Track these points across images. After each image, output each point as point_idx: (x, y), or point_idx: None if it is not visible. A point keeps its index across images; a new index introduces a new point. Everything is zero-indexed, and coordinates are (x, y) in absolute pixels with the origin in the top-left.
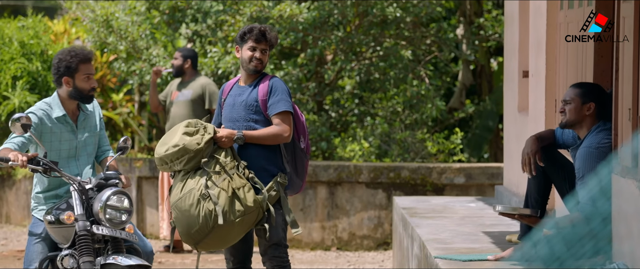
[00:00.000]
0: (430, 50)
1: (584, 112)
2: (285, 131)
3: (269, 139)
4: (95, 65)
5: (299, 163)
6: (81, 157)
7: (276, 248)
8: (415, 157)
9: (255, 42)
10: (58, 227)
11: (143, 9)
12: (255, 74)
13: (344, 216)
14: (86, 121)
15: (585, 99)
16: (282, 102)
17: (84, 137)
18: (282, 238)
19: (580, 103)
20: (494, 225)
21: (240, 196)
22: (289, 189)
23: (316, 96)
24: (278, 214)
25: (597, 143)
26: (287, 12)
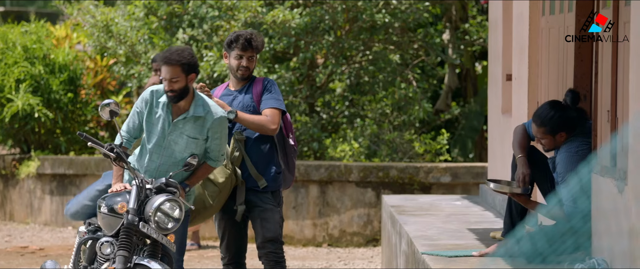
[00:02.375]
0: (417, 55)
1: (558, 140)
2: (272, 123)
3: (255, 126)
4: (95, 69)
5: (290, 159)
6: (165, 155)
7: (272, 244)
8: (403, 157)
9: (241, 50)
10: (108, 215)
11: (141, 14)
12: (245, 80)
13: (334, 213)
14: (187, 123)
15: (554, 132)
16: (274, 99)
17: (174, 137)
18: (279, 234)
19: (552, 138)
20: (478, 222)
21: (211, 177)
22: (282, 184)
23: (308, 98)
24: (275, 211)
25: (576, 147)
26: (280, 18)
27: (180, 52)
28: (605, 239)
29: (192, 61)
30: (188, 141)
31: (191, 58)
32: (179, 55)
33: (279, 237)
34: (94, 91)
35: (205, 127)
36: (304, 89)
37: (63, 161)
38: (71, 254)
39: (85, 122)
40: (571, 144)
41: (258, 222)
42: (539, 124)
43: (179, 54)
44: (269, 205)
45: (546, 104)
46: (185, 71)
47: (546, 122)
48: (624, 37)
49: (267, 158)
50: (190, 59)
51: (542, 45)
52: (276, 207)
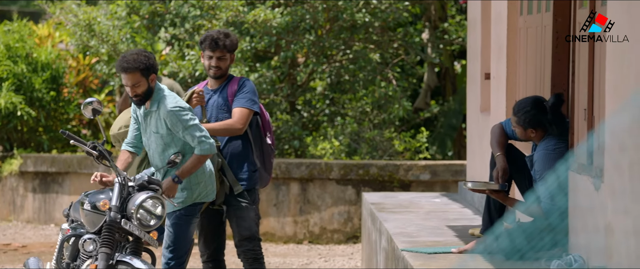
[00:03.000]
0: (397, 54)
1: (529, 135)
2: (238, 123)
3: (222, 131)
4: (78, 68)
5: (267, 158)
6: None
7: (250, 241)
8: (383, 155)
9: (210, 50)
10: (91, 212)
11: (124, 13)
12: (220, 79)
13: (315, 211)
14: (150, 119)
15: (525, 127)
16: (244, 99)
17: (148, 136)
18: (255, 232)
19: (523, 130)
20: (457, 219)
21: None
22: (258, 182)
23: (289, 96)
24: (250, 209)
25: (553, 145)
26: (261, 17)
27: (135, 58)
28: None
29: (149, 63)
30: (155, 137)
31: (147, 60)
32: (135, 61)
33: (255, 234)
34: (77, 89)
35: (161, 119)
36: (285, 87)
37: (45, 159)
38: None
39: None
40: (549, 142)
41: (234, 221)
42: (515, 112)
43: (135, 59)
44: (244, 203)
45: (530, 98)
46: (145, 75)
47: (521, 114)
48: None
49: (241, 157)
50: (147, 61)
51: (520, 44)
52: (251, 205)
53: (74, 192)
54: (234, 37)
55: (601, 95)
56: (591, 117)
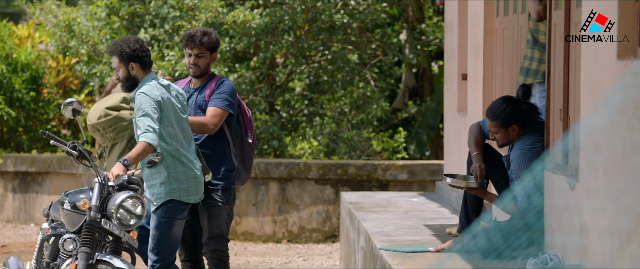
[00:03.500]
0: (375, 54)
1: (511, 134)
2: (210, 123)
3: (195, 127)
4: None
5: (247, 157)
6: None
7: (218, 241)
8: (361, 155)
9: (188, 48)
10: (71, 212)
11: (103, 14)
12: (200, 78)
13: (294, 210)
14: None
15: (507, 125)
16: (219, 99)
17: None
18: (225, 232)
19: (505, 131)
20: (435, 219)
21: None
22: (236, 180)
23: (268, 97)
24: (223, 208)
25: (529, 145)
26: (240, 18)
27: (119, 44)
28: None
29: (129, 51)
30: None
31: (129, 48)
32: (116, 46)
33: (224, 234)
34: (56, 89)
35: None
36: (264, 88)
37: (25, 159)
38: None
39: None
40: (525, 142)
41: (205, 218)
42: (491, 118)
43: (117, 44)
44: (217, 202)
45: (499, 99)
46: (124, 61)
47: (498, 115)
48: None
49: (218, 156)
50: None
51: (496, 45)
52: (225, 204)
53: (53, 192)
54: (213, 36)
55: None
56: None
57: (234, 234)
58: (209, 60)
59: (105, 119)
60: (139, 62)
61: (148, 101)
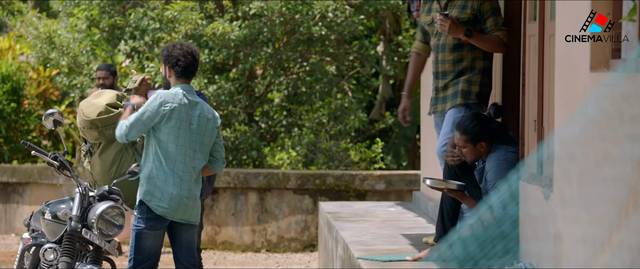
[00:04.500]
0: (352, 66)
1: (479, 150)
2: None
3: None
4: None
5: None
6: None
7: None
8: (339, 165)
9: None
10: (52, 221)
11: (84, 26)
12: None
13: (273, 220)
14: None
15: (475, 141)
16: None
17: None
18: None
19: (472, 147)
20: (412, 228)
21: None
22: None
23: (247, 108)
24: None
25: (504, 155)
26: (219, 30)
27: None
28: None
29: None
30: None
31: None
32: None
33: (197, 245)
34: (37, 101)
35: None
36: (243, 99)
37: (6, 170)
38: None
39: (28, 132)
40: (499, 153)
41: None
42: (461, 132)
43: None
44: None
45: (470, 115)
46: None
47: (468, 131)
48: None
49: None
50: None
51: None
52: None
53: (34, 202)
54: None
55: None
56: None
57: (213, 244)
58: None
59: (107, 116)
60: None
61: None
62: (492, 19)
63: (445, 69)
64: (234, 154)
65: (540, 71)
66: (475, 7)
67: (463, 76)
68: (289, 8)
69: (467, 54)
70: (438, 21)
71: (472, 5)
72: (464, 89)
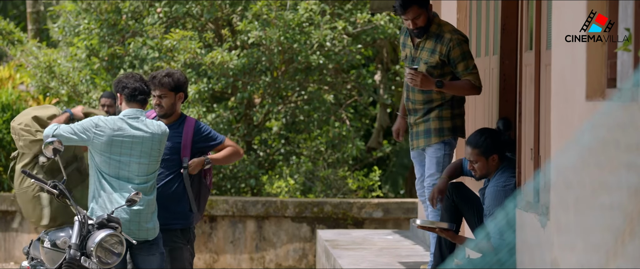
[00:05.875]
0: (350, 95)
1: (491, 164)
2: (240, 149)
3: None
4: None
5: (203, 198)
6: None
7: None
8: (337, 193)
9: (152, 89)
10: (51, 250)
11: (83, 55)
12: (166, 118)
13: (271, 247)
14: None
15: (487, 154)
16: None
17: None
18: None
19: (485, 160)
20: (409, 256)
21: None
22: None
23: (245, 136)
24: (184, 249)
25: (503, 183)
26: (218, 59)
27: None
28: None
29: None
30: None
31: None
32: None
33: None
34: None
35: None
36: (242, 127)
37: (5, 198)
38: None
39: None
40: (499, 179)
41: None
42: (472, 146)
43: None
44: (178, 243)
45: (479, 129)
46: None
47: (480, 144)
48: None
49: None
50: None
51: None
52: (186, 245)
53: (33, 230)
54: (176, 76)
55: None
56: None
57: None
58: (174, 101)
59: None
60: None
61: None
62: (463, 64)
63: (415, 108)
64: (232, 182)
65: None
66: (444, 52)
67: (432, 112)
68: (287, 37)
69: (436, 94)
70: (408, 75)
71: (441, 50)
72: (437, 127)
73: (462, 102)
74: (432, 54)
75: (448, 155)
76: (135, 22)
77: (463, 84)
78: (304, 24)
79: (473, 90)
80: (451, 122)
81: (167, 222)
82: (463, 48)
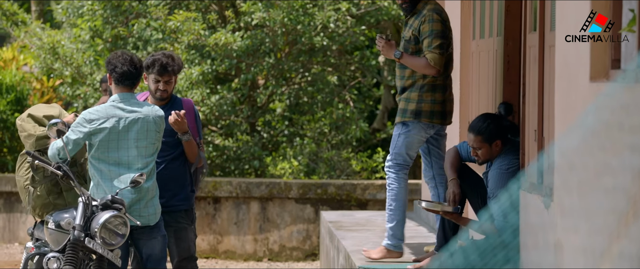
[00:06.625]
0: (354, 76)
1: (494, 150)
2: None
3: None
4: (42, 90)
5: (196, 179)
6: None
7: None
8: (340, 175)
9: (158, 75)
10: (55, 231)
11: (87, 37)
12: (164, 101)
13: (275, 229)
14: None
15: (491, 140)
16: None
17: None
18: (193, 252)
19: (488, 146)
20: (413, 237)
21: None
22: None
23: (249, 118)
24: (189, 229)
25: (507, 165)
26: (222, 41)
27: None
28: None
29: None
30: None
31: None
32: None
33: (193, 254)
34: None
35: None
36: (246, 109)
37: (10, 179)
38: None
39: None
40: (502, 162)
41: (173, 241)
42: (475, 133)
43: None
44: (182, 224)
45: (481, 116)
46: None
47: (483, 130)
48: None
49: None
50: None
51: (472, 67)
52: (190, 225)
53: None
54: (179, 60)
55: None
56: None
57: (216, 253)
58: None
59: (19, 123)
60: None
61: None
62: (428, 40)
63: (397, 84)
64: (236, 163)
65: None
66: (416, 26)
67: (404, 92)
68: (291, 19)
69: (410, 72)
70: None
71: (415, 25)
72: (402, 107)
73: (436, 88)
74: (409, 28)
75: (403, 135)
76: (139, 3)
77: (420, 61)
78: (307, 5)
79: (428, 69)
80: (416, 105)
81: (170, 203)
82: (433, 26)
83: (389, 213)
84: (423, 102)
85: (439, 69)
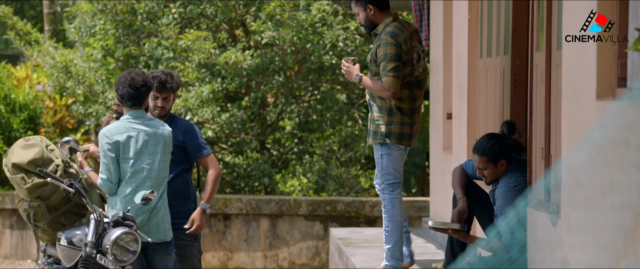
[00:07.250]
0: (362, 94)
1: (500, 169)
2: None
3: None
4: (55, 108)
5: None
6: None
7: None
8: (349, 192)
9: (156, 91)
10: (67, 247)
11: (99, 56)
12: (162, 118)
13: (284, 246)
14: None
15: (496, 160)
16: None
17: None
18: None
19: (493, 166)
20: (421, 254)
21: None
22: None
23: (259, 135)
24: (192, 246)
25: (514, 182)
26: (232, 59)
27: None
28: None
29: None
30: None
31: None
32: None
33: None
34: (53, 129)
35: None
36: (255, 127)
37: None
38: None
39: None
40: (509, 179)
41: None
42: (480, 154)
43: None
44: (186, 241)
45: (485, 136)
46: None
47: (487, 151)
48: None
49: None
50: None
51: (480, 85)
52: (193, 242)
53: None
54: (178, 78)
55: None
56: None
57: None
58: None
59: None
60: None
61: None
62: (382, 64)
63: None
64: (246, 180)
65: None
66: (374, 50)
67: (374, 114)
68: (301, 38)
69: (376, 97)
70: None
71: (374, 48)
72: (372, 130)
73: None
74: (371, 52)
75: (386, 155)
76: (150, 22)
77: (376, 84)
78: (316, 24)
79: (383, 92)
80: (386, 127)
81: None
82: (387, 49)
83: (386, 235)
84: (392, 124)
85: (394, 92)
